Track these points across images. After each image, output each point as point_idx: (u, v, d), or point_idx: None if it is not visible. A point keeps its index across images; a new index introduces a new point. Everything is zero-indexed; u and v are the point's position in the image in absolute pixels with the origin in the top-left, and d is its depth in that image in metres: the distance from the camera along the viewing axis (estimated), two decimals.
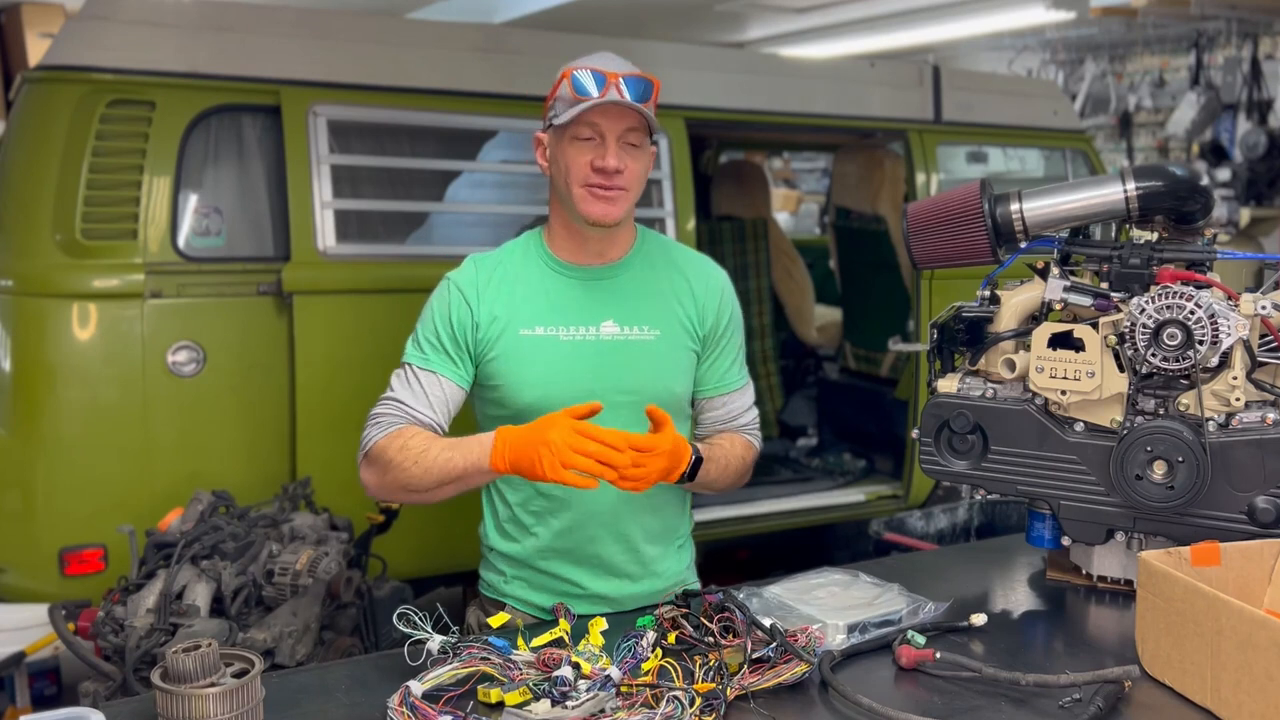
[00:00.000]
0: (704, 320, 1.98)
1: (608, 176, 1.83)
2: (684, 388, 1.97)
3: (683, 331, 1.95)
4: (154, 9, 3.09)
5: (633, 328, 1.91)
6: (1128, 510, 1.77)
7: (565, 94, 1.82)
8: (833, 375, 5.41)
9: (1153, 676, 1.52)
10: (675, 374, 1.95)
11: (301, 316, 3.10)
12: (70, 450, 2.92)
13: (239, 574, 2.40)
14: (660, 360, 1.93)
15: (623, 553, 1.94)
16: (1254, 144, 7.44)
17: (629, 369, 1.90)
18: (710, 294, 1.99)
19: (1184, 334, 1.68)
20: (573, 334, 1.89)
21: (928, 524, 3.42)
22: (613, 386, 1.88)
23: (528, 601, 1.98)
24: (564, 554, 1.93)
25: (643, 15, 7.43)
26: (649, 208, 3.65)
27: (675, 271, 1.98)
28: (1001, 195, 1.87)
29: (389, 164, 3.39)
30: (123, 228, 2.96)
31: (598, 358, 1.89)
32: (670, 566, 2.02)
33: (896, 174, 4.61)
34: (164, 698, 1.34)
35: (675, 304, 1.96)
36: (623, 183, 1.85)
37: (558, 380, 1.87)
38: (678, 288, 1.97)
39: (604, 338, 1.90)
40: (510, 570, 1.99)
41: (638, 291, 1.94)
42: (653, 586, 1.97)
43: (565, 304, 1.91)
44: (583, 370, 1.88)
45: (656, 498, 1.93)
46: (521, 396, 1.88)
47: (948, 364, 1.96)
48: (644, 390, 1.89)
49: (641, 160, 1.89)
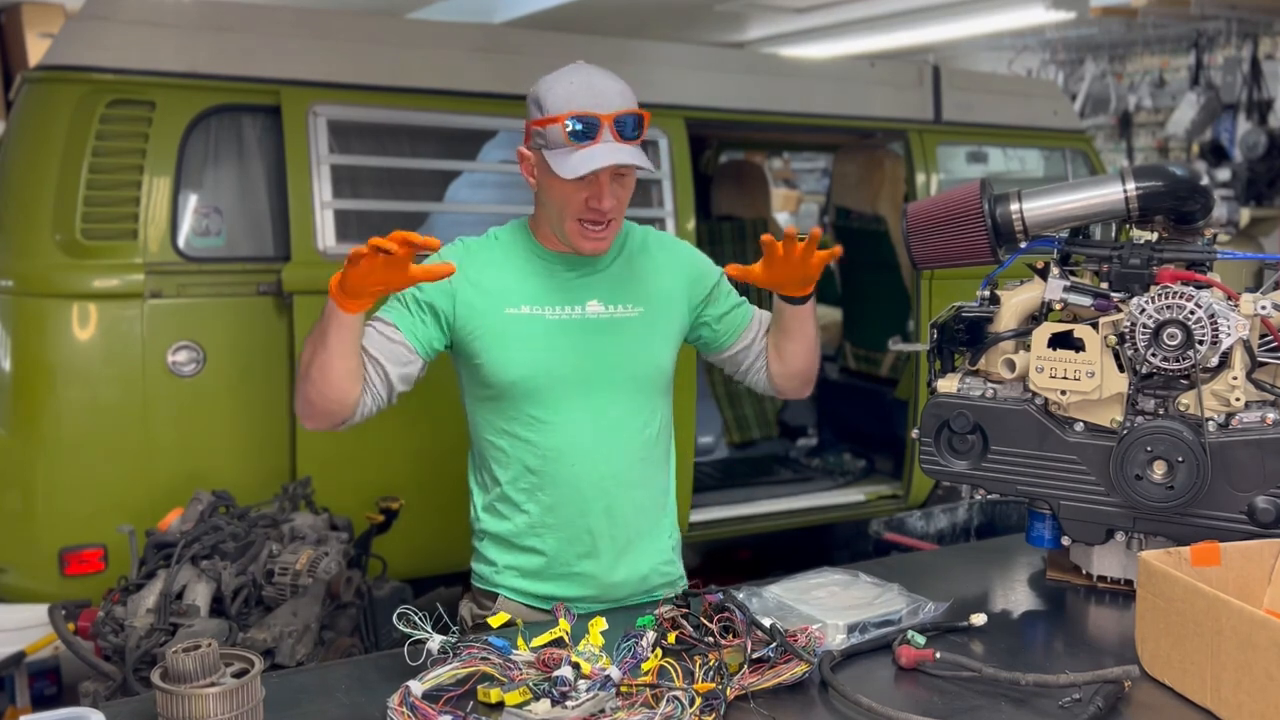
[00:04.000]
0: (692, 288, 2.05)
1: (600, 214, 1.87)
2: (669, 360, 2.03)
3: (665, 307, 2.01)
4: (154, 9, 3.09)
5: (617, 306, 1.96)
6: (1128, 510, 1.77)
7: (558, 137, 1.82)
8: (833, 375, 5.40)
9: (1153, 676, 1.52)
10: (659, 347, 2.01)
11: (301, 316, 3.10)
12: (70, 450, 2.92)
13: (239, 574, 2.40)
14: (644, 335, 1.98)
15: (611, 526, 1.96)
16: (1254, 144, 7.43)
17: (614, 345, 1.95)
18: (683, 262, 2.07)
19: (1184, 334, 1.68)
20: (559, 313, 1.93)
21: (928, 524, 3.42)
22: (600, 362, 1.93)
23: (519, 590, 1.99)
24: (554, 530, 1.95)
25: (643, 15, 7.42)
26: (649, 208, 3.65)
27: (648, 253, 2.05)
28: (1001, 195, 1.87)
29: (389, 164, 3.38)
30: (123, 228, 2.96)
31: (584, 335, 1.93)
32: (656, 544, 2.04)
33: (896, 174, 4.60)
34: (164, 698, 1.34)
35: (655, 282, 2.01)
36: (614, 214, 1.90)
37: (544, 357, 1.91)
38: (657, 266, 2.03)
39: (590, 316, 1.94)
40: (501, 558, 2.00)
41: (619, 275, 1.99)
42: (636, 570, 2.00)
43: (551, 286, 1.95)
44: (569, 347, 1.92)
45: (641, 472, 1.99)
46: (506, 373, 1.90)
47: (948, 364, 1.97)
48: (628, 365, 1.96)
49: (630, 183, 1.92)
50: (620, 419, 1.96)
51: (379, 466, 3.17)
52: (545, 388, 1.91)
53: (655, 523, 2.04)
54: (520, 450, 1.94)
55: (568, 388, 1.92)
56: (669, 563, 2.06)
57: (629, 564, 1.99)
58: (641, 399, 1.99)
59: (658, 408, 2.02)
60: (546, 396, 1.92)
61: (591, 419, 1.93)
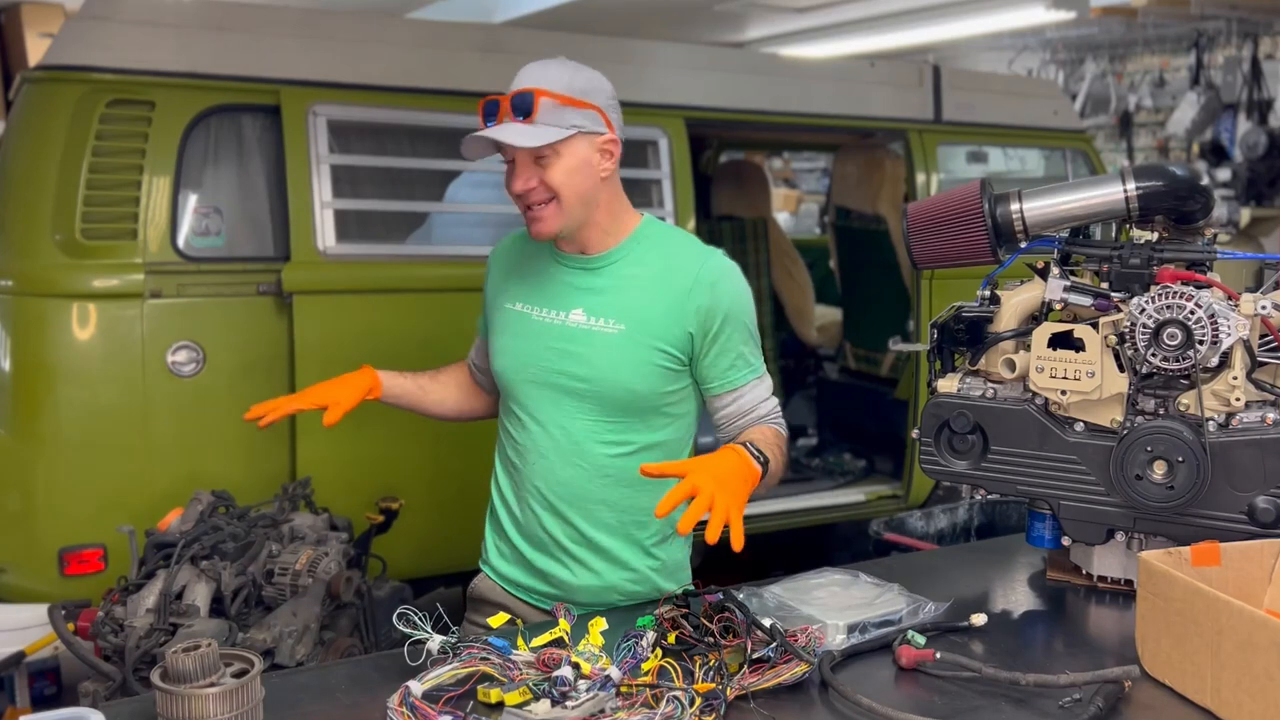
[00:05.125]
0: (687, 320, 1.91)
1: (521, 197, 1.91)
2: (646, 386, 1.92)
3: (652, 331, 1.91)
4: (154, 9, 3.09)
5: (598, 319, 1.93)
6: (1128, 510, 1.77)
7: None
8: (833, 375, 5.40)
9: (1153, 676, 1.52)
10: (633, 371, 1.91)
11: (301, 316, 3.10)
12: (70, 450, 2.91)
13: (239, 574, 2.40)
14: (618, 355, 1.91)
15: (569, 533, 1.97)
16: (1254, 144, 7.44)
17: (586, 358, 1.93)
18: (697, 293, 1.91)
19: (1184, 334, 1.68)
20: (544, 315, 1.97)
21: (928, 524, 3.41)
22: (568, 372, 1.94)
23: (501, 574, 2.07)
24: (521, 523, 2.02)
25: (642, 15, 7.42)
26: (649, 208, 3.65)
27: (663, 268, 1.94)
28: (1001, 195, 1.87)
29: (389, 164, 3.38)
30: (122, 228, 2.96)
31: (559, 342, 1.95)
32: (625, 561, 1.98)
33: (896, 174, 4.61)
34: (164, 698, 1.34)
35: (650, 302, 1.92)
36: (540, 197, 1.89)
37: (521, 356, 1.98)
38: (660, 286, 1.93)
39: (570, 324, 1.95)
40: (492, 538, 2.10)
41: (613, 286, 1.95)
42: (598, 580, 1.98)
43: (547, 287, 1.99)
44: (543, 350, 1.96)
45: (607, 491, 1.94)
46: (496, 362, 2.03)
47: (948, 364, 1.97)
48: (598, 380, 1.92)
49: (558, 165, 1.87)
50: (584, 433, 1.93)
51: (379, 466, 3.17)
52: (519, 386, 1.99)
53: (628, 542, 1.97)
54: (505, 439, 2.05)
55: (538, 390, 1.96)
56: (639, 581, 1.99)
57: (590, 574, 1.97)
58: (612, 418, 1.93)
59: (637, 432, 1.95)
60: (521, 395, 1.99)
61: (556, 426, 1.95)
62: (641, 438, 1.95)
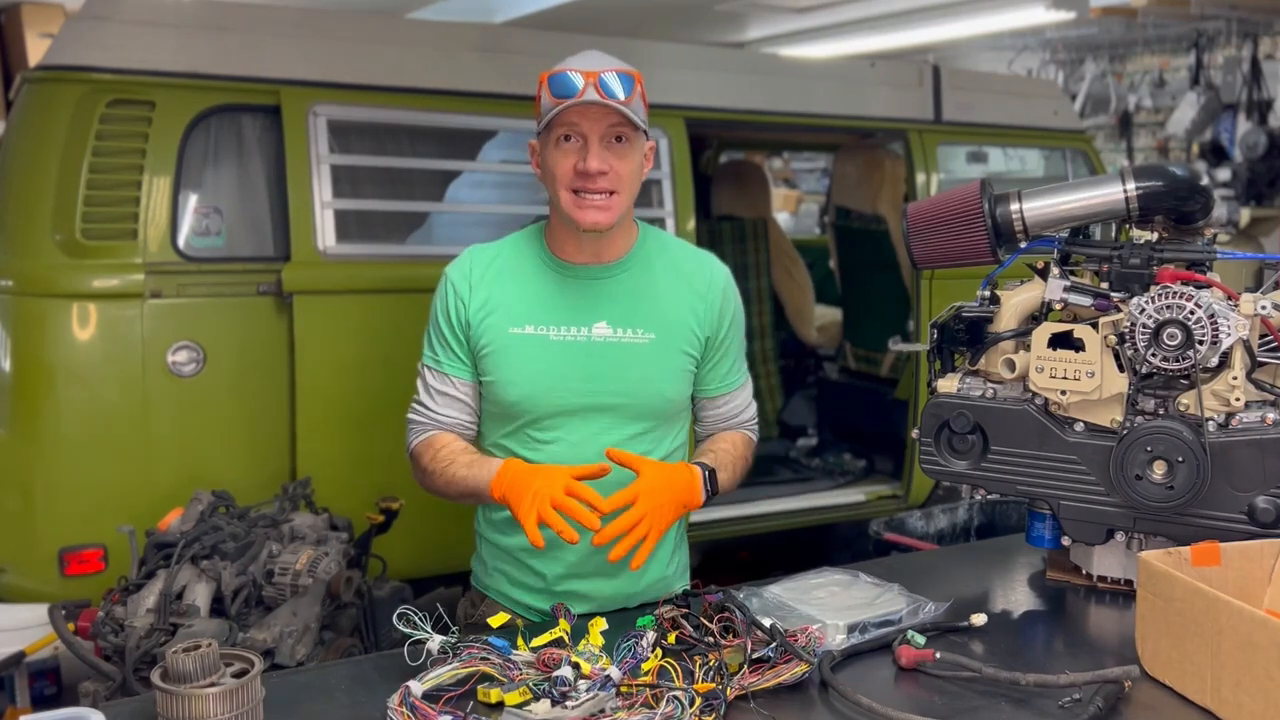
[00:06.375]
0: (704, 324, 1.94)
1: (591, 179, 1.79)
2: (677, 392, 1.94)
3: (679, 335, 1.92)
4: (154, 9, 3.09)
5: (626, 330, 1.88)
6: (1128, 510, 1.77)
7: (545, 99, 1.80)
8: (833, 375, 5.40)
9: (1153, 676, 1.51)
10: (667, 378, 1.92)
11: (301, 316, 3.10)
12: (70, 450, 2.92)
13: (239, 574, 2.40)
14: (652, 364, 1.89)
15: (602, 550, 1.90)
16: (1254, 144, 7.44)
17: (619, 372, 1.87)
18: (711, 297, 1.95)
19: (1184, 334, 1.68)
20: (564, 334, 1.87)
21: (928, 524, 3.41)
22: (602, 389, 1.87)
23: (506, 595, 1.98)
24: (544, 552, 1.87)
25: (643, 15, 7.42)
26: (649, 208, 3.65)
27: (675, 273, 1.95)
28: (1001, 195, 1.87)
29: (389, 164, 3.38)
30: (122, 228, 2.96)
31: (588, 359, 1.87)
32: (654, 567, 1.98)
33: (896, 174, 4.60)
34: (164, 698, 1.34)
35: (672, 307, 1.92)
36: (608, 184, 1.80)
37: (545, 380, 1.86)
38: (677, 290, 1.93)
39: (595, 339, 1.87)
40: (491, 559, 2.00)
41: (634, 293, 1.91)
42: (626, 589, 1.95)
43: (559, 303, 1.89)
44: (571, 371, 1.86)
45: None
46: (508, 394, 1.88)
47: (948, 364, 1.96)
48: (634, 394, 1.88)
49: (630, 158, 1.83)
50: (620, 446, 1.87)
51: (379, 466, 3.17)
52: (545, 411, 1.88)
53: (658, 547, 1.93)
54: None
55: (569, 412, 1.88)
56: (662, 580, 2.01)
57: (618, 585, 1.95)
58: (645, 428, 1.91)
59: (664, 435, 1.95)
60: (546, 419, 1.88)
61: (585, 444, 1.87)
62: (667, 443, 1.96)
